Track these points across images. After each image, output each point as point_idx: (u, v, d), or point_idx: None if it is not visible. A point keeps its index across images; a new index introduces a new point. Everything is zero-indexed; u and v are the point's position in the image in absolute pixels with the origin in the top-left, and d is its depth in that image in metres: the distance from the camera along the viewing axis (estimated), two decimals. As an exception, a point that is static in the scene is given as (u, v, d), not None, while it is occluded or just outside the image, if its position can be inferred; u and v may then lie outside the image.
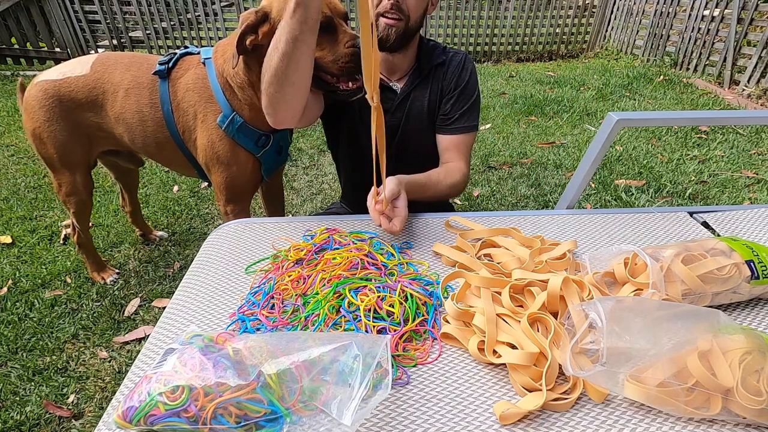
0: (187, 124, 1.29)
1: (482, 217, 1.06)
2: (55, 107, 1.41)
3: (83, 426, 1.37)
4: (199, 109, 1.25)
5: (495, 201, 2.62)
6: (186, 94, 1.26)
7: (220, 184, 1.30)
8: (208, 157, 1.27)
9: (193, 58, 1.29)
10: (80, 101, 1.40)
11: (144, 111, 1.33)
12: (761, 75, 4.26)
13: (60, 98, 1.40)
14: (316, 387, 0.54)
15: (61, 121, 1.43)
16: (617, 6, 6.17)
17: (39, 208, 2.50)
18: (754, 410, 0.55)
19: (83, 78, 1.38)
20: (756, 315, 0.77)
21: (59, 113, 1.42)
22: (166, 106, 1.28)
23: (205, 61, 1.24)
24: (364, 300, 0.74)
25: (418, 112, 1.24)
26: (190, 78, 1.26)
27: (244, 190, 1.35)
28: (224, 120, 1.22)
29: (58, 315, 1.76)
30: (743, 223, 1.04)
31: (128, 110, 1.34)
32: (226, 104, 1.22)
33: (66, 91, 1.39)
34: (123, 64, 1.36)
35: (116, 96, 1.35)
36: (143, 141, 1.38)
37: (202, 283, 0.86)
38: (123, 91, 1.34)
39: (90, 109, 1.41)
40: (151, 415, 0.53)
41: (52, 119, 1.43)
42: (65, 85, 1.39)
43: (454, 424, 0.59)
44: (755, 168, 2.97)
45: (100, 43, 5.69)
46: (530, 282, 0.75)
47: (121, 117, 1.36)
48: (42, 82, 1.41)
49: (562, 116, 3.88)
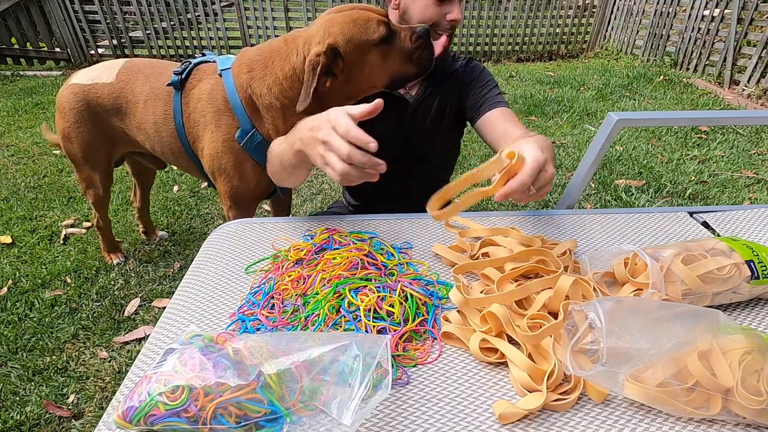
0: (196, 133, 1.27)
1: (482, 217, 1.06)
2: (84, 110, 1.47)
3: (83, 426, 1.37)
4: (209, 119, 1.22)
5: (495, 201, 2.61)
6: (198, 104, 1.23)
7: (225, 193, 1.29)
8: (213, 166, 1.26)
9: (207, 68, 1.25)
10: (107, 107, 1.44)
11: (159, 123, 1.33)
12: (761, 75, 4.26)
13: (88, 102, 1.45)
14: (316, 387, 0.54)
15: (89, 123, 1.50)
16: (617, 6, 6.17)
17: (39, 208, 2.50)
18: (754, 410, 0.55)
19: (109, 86, 1.41)
20: (756, 315, 0.77)
21: (87, 116, 1.48)
22: (178, 118, 1.27)
23: (222, 72, 1.19)
24: (364, 300, 0.74)
25: (429, 119, 1.25)
26: (204, 88, 1.22)
27: (248, 199, 1.34)
28: (243, 135, 1.17)
29: (58, 315, 1.77)
30: (743, 223, 1.04)
31: (146, 121, 1.36)
32: (246, 120, 1.17)
33: (94, 96, 1.44)
34: (144, 75, 1.37)
35: (137, 106, 1.37)
36: (161, 150, 1.40)
37: (202, 283, 0.86)
38: (142, 103, 1.35)
39: (115, 115, 1.45)
40: (151, 415, 0.53)
41: (80, 121, 1.49)
42: (93, 91, 1.44)
43: (454, 424, 0.59)
44: (755, 168, 2.97)
45: (100, 43, 5.69)
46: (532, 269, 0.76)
47: (142, 126, 1.38)
48: (73, 85, 1.47)
49: (562, 116, 3.88)
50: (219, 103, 1.19)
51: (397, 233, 0.99)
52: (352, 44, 1.03)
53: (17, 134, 3.44)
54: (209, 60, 1.27)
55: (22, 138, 3.37)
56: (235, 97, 1.16)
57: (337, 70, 1.04)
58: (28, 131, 3.49)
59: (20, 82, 4.83)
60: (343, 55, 1.04)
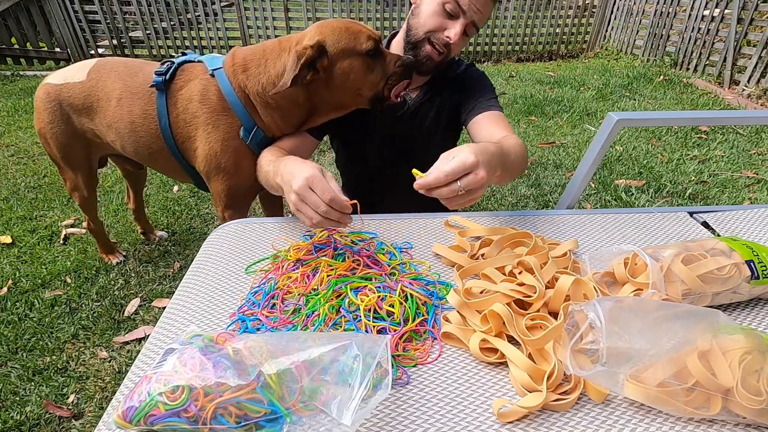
0: (187, 134, 1.25)
1: (482, 216, 1.06)
2: (56, 110, 1.44)
3: (83, 426, 1.37)
4: (202, 119, 1.21)
5: (495, 201, 2.62)
6: (188, 104, 1.22)
7: (221, 192, 1.29)
8: (210, 166, 1.24)
9: (194, 68, 1.23)
10: (77, 107, 1.41)
11: (136, 122, 1.30)
12: (761, 75, 4.26)
13: (60, 102, 1.43)
14: (316, 387, 0.54)
15: (62, 124, 1.47)
16: (617, 6, 6.17)
17: (39, 208, 2.50)
18: (754, 410, 0.55)
19: (80, 84, 1.38)
20: (756, 315, 0.77)
21: (60, 116, 1.45)
22: (164, 120, 1.25)
23: (214, 72, 1.19)
24: (364, 300, 0.74)
25: (427, 122, 1.25)
26: (194, 89, 1.21)
27: (244, 197, 1.34)
28: (247, 134, 1.18)
29: (58, 315, 1.77)
30: (743, 223, 1.04)
31: (120, 120, 1.33)
32: (247, 119, 1.17)
33: (65, 96, 1.41)
34: (117, 72, 1.35)
35: (109, 104, 1.34)
36: (134, 149, 1.37)
37: (202, 283, 0.86)
38: (115, 101, 1.32)
39: (86, 115, 1.42)
40: (151, 415, 0.53)
41: (53, 121, 1.47)
42: (65, 90, 1.41)
43: (454, 424, 0.59)
44: (755, 168, 2.97)
45: (100, 43, 5.69)
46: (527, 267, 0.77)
47: (113, 125, 1.35)
48: (46, 85, 1.44)
49: (562, 116, 3.88)
50: (214, 103, 1.19)
51: (396, 233, 0.99)
52: (339, 47, 1.07)
53: (17, 134, 3.44)
54: (192, 60, 1.25)
55: (22, 138, 3.37)
56: (233, 96, 1.16)
57: (320, 66, 1.07)
58: (28, 131, 3.49)
59: (20, 82, 4.83)
60: (329, 54, 1.07)
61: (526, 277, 0.75)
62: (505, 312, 0.68)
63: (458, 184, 0.73)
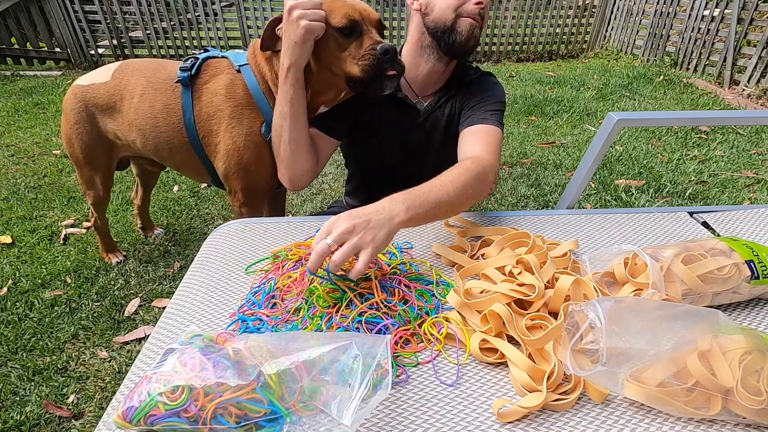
0: (209, 128, 1.26)
1: (482, 217, 1.06)
2: (83, 111, 1.49)
3: (83, 426, 1.37)
4: (227, 113, 1.22)
5: (495, 201, 2.62)
6: (213, 98, 1.23)
7: (241, 188, 1.29)
8: (231, 161, 1.25)
9: (219, 63, 1.25)
10: (102, 107, 1.45)
11: (158, 116, 1.32)
12: (761, 75, 4.26)
13: (86, 103, 1.47)
14: (316, 387, 0.54)
15: (87, 125, 1.51)
16: (617, 6, 6.17)
17: (39, 208, 2.50)
18: (754, 410, 0.55)
19: (104, 85, 1.42)
20: (756, 315, 0.77)
21: (86, 117, 1.50)
22: (189, 114, 1.26)
23: (241, 68, 1.20)
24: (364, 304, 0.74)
25: (440, 129, 1.25)
26: (221, 83, 1.22)
27: (263, 193, 1.35)
28: (268, 130, 1.18)
29: (58, 315, 1.77)
30: (743, 223, 1.04)
31: (142, 115, 1.35)
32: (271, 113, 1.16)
33: (91, 97, 1.45)
34: (139, 71, 1.38)
35: (132, 101, 1.37)
36: (155, 145, 1.39)
37: (202, 283, 0.86)
38: (138, 97, 1.35)
39: (109, 116, 1.45)
40: (151, 415, 0.53)
41: (80, 122, 1.51)
42: (91, 91, 1.45)
43: (454, 424, 0.59)
44: (755, 168, 2.97)
45: (100, 43, 5.69)
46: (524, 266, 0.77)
47: (135, 122, 1.38)
48: (75, 87, 1.49)
49: (562, 116, 3.88)
50: (240, 98, 1.21)
51: (396, 233, 0.99)
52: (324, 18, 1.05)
53: (17, 134, 3.44)
54: (215, 55, 1.28)
55: (22, 138, 3.37)
56: (258, 90, 1.19)
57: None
58: (28, 131, 3.49)
59: (20, 82, 4.83)
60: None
61: (526, 277, 0.75)
62: (505, 312, 0.68)
63: (328, 240, 0.73)
